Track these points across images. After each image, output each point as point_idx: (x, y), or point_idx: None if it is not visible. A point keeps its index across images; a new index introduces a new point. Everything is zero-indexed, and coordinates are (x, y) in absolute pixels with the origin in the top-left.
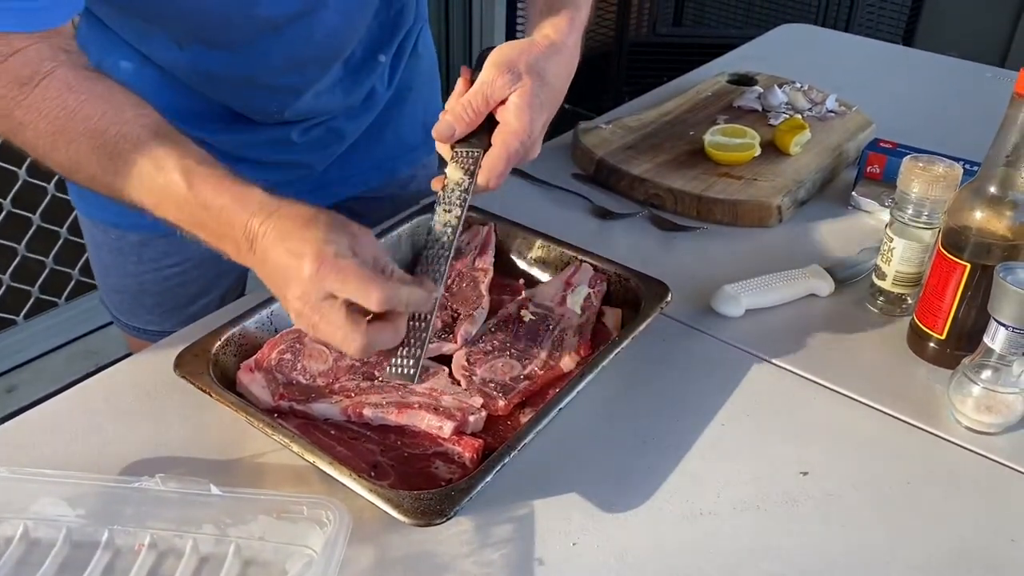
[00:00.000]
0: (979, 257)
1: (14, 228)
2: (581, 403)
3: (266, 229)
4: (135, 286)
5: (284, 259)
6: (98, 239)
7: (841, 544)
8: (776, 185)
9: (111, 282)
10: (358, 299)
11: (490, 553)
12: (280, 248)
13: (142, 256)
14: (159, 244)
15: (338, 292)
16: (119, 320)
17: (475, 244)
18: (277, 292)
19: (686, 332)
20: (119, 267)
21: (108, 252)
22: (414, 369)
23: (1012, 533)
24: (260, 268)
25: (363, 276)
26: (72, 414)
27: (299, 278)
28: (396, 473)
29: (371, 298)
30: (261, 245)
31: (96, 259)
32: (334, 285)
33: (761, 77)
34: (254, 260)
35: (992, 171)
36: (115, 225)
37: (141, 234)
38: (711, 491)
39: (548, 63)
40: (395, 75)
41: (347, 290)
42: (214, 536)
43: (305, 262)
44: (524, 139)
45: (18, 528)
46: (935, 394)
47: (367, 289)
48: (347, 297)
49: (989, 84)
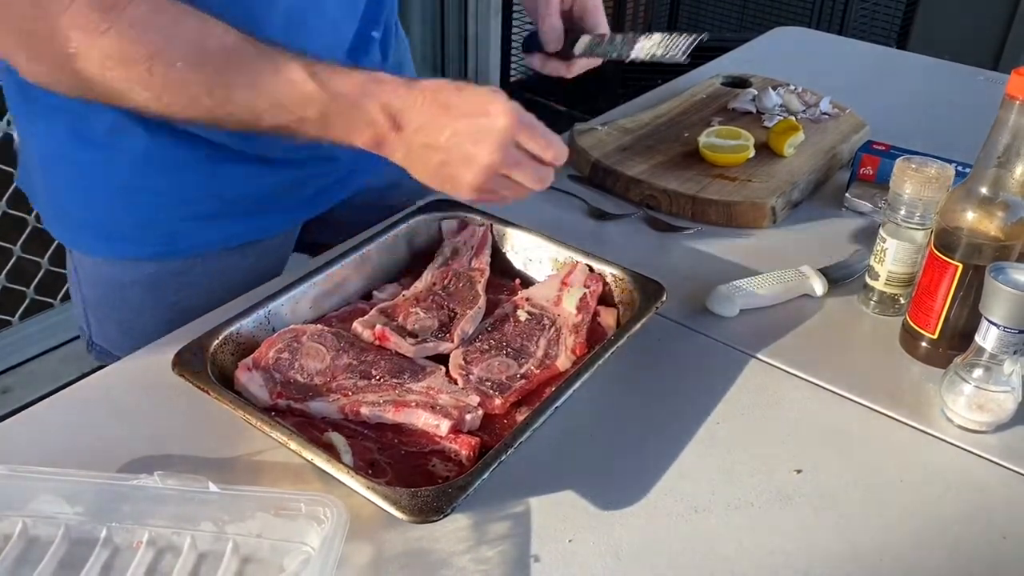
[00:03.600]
0: (971, 257)
1: (9, 229)
2: (577, 402)
3: (415, 100)
4: (166, 323)
5: (460, 119)
6: (123, 279)
7: (834, 541)
8: (770, 186)
9: (141, 325)
10: (542, 152)
11: (487, 550)
12: (450, 111)
13: (182, 282)
14: (207, 261)
15: (528, 145)
16: (112, 355)
17: (471, 244)
18: (455, 157)
19: (681, 332)
20: (151, 304)
21: (141, 290)
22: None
23: (1003, 530)
24: (413, 139)
25: (545, 130)
26: (70, 413)
27: (491, 130)
28: (393, 471)
29: (550, 152)
30: (412, 117)
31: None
32: (526, 138)
33: (755, 79)
34: (400, 137)
35: (984, 172)
36: (155, 257)
37: (187, 258)
38: (706, 489)
39: None
40: (387, 53)
41: (536, 144)
42: (212, 533)
43: (500, 116)
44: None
45: (16, 525)
46: (927, 393)
47: (549, 144)
48: (534, 151)
49: (981, 87)
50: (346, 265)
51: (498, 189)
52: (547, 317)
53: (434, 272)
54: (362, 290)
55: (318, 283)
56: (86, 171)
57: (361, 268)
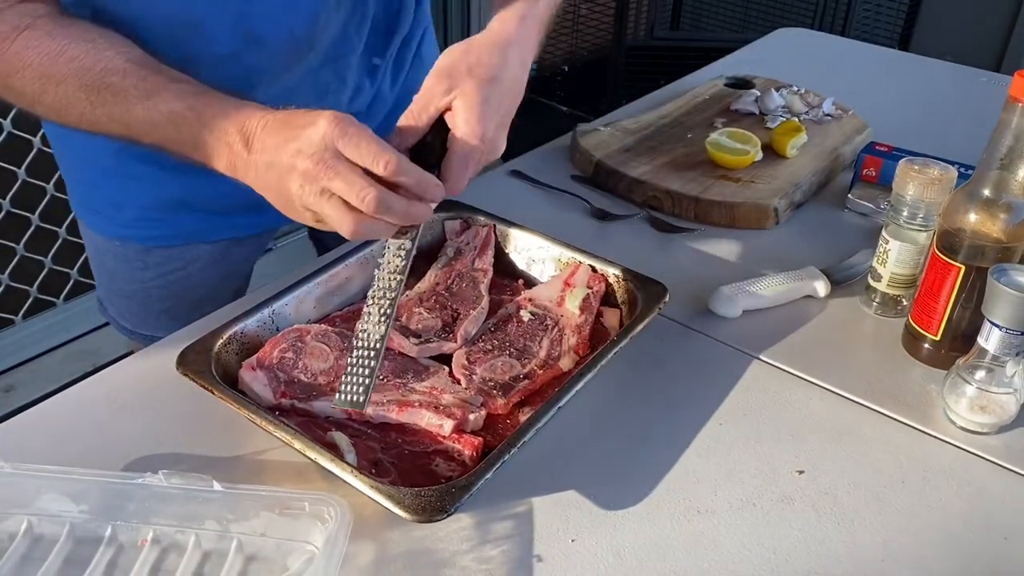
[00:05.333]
0: (973, 259)
1: (13, 228)
2: (580, 402)
3: (266, 122)
4: (141, 293)
5: (287, 132)
6: (101, 247)
7: (836, 542)
8: (773, 187)
9: (117, 287)
10: (371, 161)
11: (489, 549)
12: (282, 128)
13: (147, 262)
14: (160, 252)
15: (351, 153)
16: (126, 329)
17: (475, 244)
18: (280, 174)
19: (684, 332)
20: (125, 274)
21: (113, 259)
22: (363, 396)
23: (1005, 531)
24: (258, 159)
25: (378, 140)
26: (74, 412)
27: (310, 139)
28: (397, 470)
29: (380, 161)
30: (260, 137)
31: (99, 266)
32: (348, 146)
33: (758, 80)
34: (249, 158)
35: (986, 174)
36: (120, 238)
37: (144, 245)
38: (708, 489)
39: (493, 59)
40: (397, 79)
41: (360, 152)
42: (216, 532)
43: (321, 122)
44: (476, 142)
45: (22, 524)
46: (930, 394)
47: (382, 153)
48: (359, 159)
49: (984, 88)
50: (350, 265)
51: (320, 207)
52: (550, 317)
53: (437, 272)
54: (366, 290)
55: (322, 283)
56: (79, 151)
57: (365, 268)
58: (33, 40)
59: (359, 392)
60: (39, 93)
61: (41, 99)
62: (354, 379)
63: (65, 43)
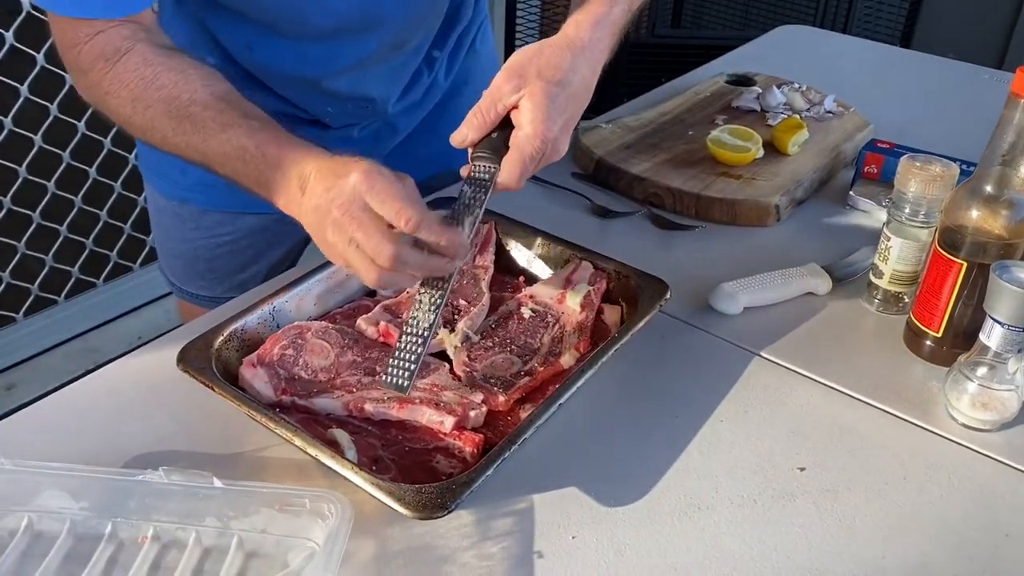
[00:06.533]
0: (975, 256)
1: (14, 226)
2: (580, 399)
3: (319, 167)
4: (189, 252)
5: (331, 180)
6: (161, 204)
7: (837, 539)
8: (774, 185)
9: (169, 247)
10: (393, 217)
11: (490, 546)
12: (330, 175)
13: (200, 223)
14: (215, 216)
15: (377, 206)
16: (174, 285)
17: (476, 241)
18: (320, 218)
19: (685, 329)
20: (178, 232)
21: (169, 217)
22: (407, 381)
23: (1007, 528)
24: (307, 203)
25: (403, 196)
26: (75, 409)
27: (342, 190)
28: (397, 467)
29: (402, 217)
30: (312, 183)
31: (158, 224)
32: (374, 199)
33: (760, 78)
34: (302, 201)
35: (988, 170)
36: (181, 199)
37: (201, 207)
38: (709, 486)
39: (563, 62)
40: (452, 70)
41: (385, 207)
42: (217, 529)
43: (353, 175)
44: (538, 142)
45: (22, 520)
46: (931, 391)
47: (405, 210)
48: (384, 213)
49: (986, 85)
50: None
51: (348, 255)
52: (551, 314)
53: None
54: (366, 287)
55: (322, 280)
56: None
57: None
58: (132, 64)
59: (403, 376)
60: (130, 115)
61: (131, 120)
62: (400, 363)
63: (159, 71)
